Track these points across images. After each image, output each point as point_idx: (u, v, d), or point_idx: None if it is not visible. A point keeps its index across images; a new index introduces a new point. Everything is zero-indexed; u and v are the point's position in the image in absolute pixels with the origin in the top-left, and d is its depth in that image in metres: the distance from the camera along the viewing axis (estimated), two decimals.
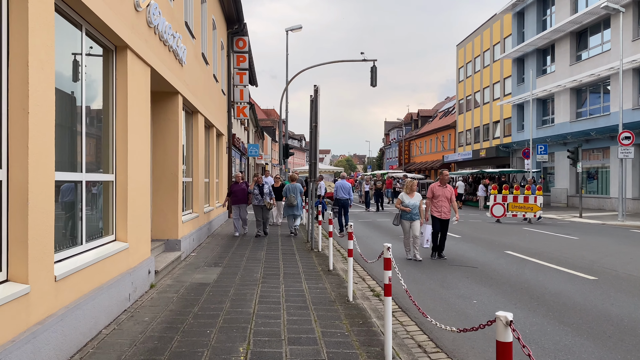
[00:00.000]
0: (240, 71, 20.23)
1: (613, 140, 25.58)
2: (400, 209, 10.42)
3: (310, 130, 12.05)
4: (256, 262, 9.61)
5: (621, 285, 7.97)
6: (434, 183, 10.87)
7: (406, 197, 10.52)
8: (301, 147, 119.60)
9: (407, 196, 10.54)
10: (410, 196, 10.52)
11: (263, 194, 13.80)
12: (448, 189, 10.61)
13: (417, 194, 10.58)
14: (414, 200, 10.44)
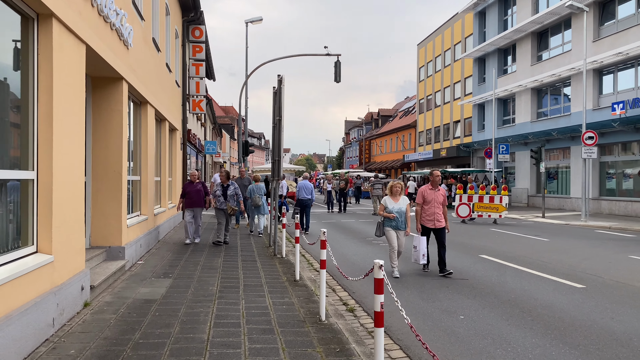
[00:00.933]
0: (196, 62, 18.95)
1: (574, 141, 25.68)
2: (384, 216, 8.69)
3: (273, 124, 11.03)
4: (212, 272, 8.53)
5: (612, 294, 7.35)
6: (423, 186, 9.19)
7: (390, 201, 8.76)
8: (260, 145, 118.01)
9: (390, 200, 8.76)
10: (394, 200, 8.73)
11: (227, 197, 12.03)
12: (440, 192, 9.02)
13: (403, 198, 8.76)
14: (400, 205, 8.68)
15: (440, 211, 8.94)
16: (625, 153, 23.21)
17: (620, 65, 23.17)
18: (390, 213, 8.62)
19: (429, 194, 8.98)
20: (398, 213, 8.62)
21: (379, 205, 24.78)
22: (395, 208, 8.65)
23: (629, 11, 22.69)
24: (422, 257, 8.78)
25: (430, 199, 8.94)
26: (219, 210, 11.98)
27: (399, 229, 8.67)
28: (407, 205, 8.75)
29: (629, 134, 21.96)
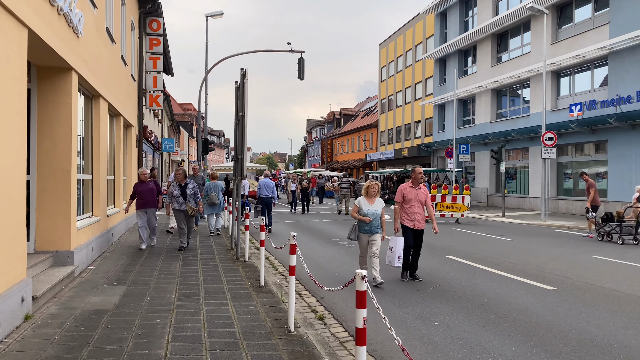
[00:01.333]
0: (153, 56, 18.16)
1: (532, 141, 26.16)
2: (358, 219, 7.92)
3: (236, 120, 10.53)
4: (170, 277, 7.97)
5: (584, 296, 7.24)
6: (404, 184, 8.48)
7: (365, 202, 7.97)
8: (220, 143, 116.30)
9: (365, 202, 7.98)
10: (369, 202, 7.97)
11: (186, 197, 10.97)
12: (422, 190, 8.38)
13: (378, 200, 8.02)
14: (375, 208, 7.92)
15: (421, 211, 8.32)
16: (582, 154, 23.79)
17: (577, 67, 23.72)
18: (365, 216, 7.86)
19: (409, 192, 8.31)
20: (373, 216, 7.86)
21: (346, 204, 24.55)
22: (370, 211, 7.89)
23: (586, 15, 23.24)
24: (398, 259, 8.14)
25: (411, 197, 8.28)
26: (178, 212, 10.94)
27: (373, 233, 7.92)
28: (383, 209, 8.04)
29: (585, 135, 22.49)
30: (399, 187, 8.50)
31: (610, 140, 21.28)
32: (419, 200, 8.30)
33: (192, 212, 10.91)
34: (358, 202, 8.10)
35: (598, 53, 21.67)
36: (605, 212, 14.51)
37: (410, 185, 8.39)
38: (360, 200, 8.09)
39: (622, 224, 13.62)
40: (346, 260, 10.32)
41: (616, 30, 20.75)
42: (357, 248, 11.79)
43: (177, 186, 10.98)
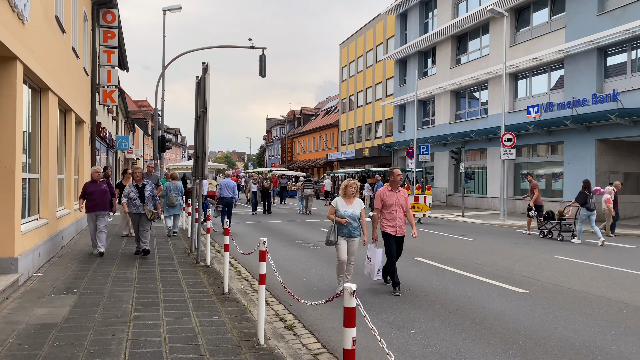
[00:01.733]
0: (107, 49, 17.26)
1: (490, 142, 26.58)
2: (335, 221, 7.25)
3: (196, 117, 10.01)
4: (126, 285, 7.41)
5: (556, 299, 7.16)
6: (382, 187, 7.82)
7: (342, 203, 7.32)
8: (177, 142, 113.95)
9: (343, 202, 7.33)
10: (347, 203, 7.33)
11: (144, 199, 9.96)
12: (402, 193, 7.72)
13: (357, 200, 7.39)
14: (354, 209, 7.29)
15: (402, 216, 7.66)
16: (538, 155, 24.32)
17: (534, 70, 24.23)
18: (342, 217, 7.21)
19: (389, 196, 7.62)
20: (351, 218, 7.22)
21: (309, 205, 24.22)
22: (348, 212, 7.24)
23: (543, 19, 23.76)
24: (377, 273, 7.48)
25: (391, 202, 7.58)
26: (134, 216, 9.96)
27: (352, 237, 7.28)
28: (362, 210, 7.39)
29: (542, 136, 22.98)
30: (377, 192, 7.82)
31: (566, 141, 21.81)
32: (400, 204, 7.65)
33: (151, 216, 9.92)
34: (335, 202, 7.40)
35: (555, 56, 22.18)
36: (547, 211, 15.30)
37: (389, 188, 7.72)
38: (337, 201, 7.39)
39: (561, 222, 14.58)
40: (313, 263, 9.98)
41: (572, 34, 21.28)
42: (324, 250, 11.58)
43: (135, 187, 10.00)
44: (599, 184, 20.34)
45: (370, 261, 7.59)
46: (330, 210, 7.42)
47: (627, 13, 18.93)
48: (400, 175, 7.76)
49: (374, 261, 7.51)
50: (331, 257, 10.57)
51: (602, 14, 20.08)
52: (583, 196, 14.24)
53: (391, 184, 7.76)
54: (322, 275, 8.79)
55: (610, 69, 20.35)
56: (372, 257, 7.54)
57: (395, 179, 7.72)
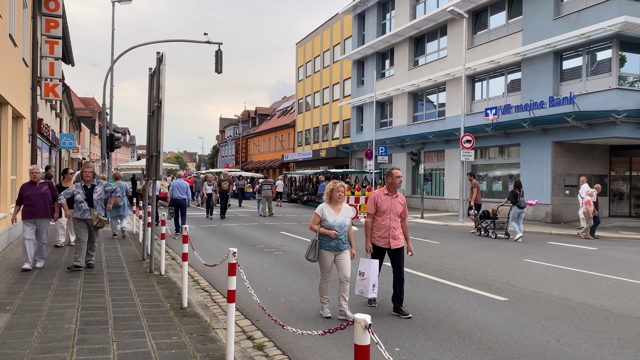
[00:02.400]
0: (50, 39, 15.96)
1: (448, 144, 26.66)
2: (320, 233, 6.09)
3: (150, 112, 9.17)
4: (69, 299, 6.54)
5: (539, 307, 6.82)
6: (377, 190, 6.70)
7: (329, 211, 6.16)
8: (125, 141, 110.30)
9: (329, 210, 6.17)
10: (335, 210, 6.17)
11: (92, 202, 8.67)
12: (399, 199, 6.59)
13: (345, 207, 6.28)
14: (343, 217, 6.17)
15: (397, 225, 6.51)
16: (495, 157, 24.53)
17: (491, 73, 24.44)
18: (330, 229, 6.03)
19: (384, 200, 6.49)
20: (340, 228, 6.08)
21: (269, 206, 23.48)
22: (337, 222, 6.07)
23: (500, 22, 24.00)
24: (372, 288, 6.38)
25: (385, 207, 6.47)
26: (80, 222, 8.63)
27: (340, 250, 6.11)
28: (352, 219, 6.43)
29: (499, 138, 23.17)
30: (371, 195, 6.64)
31: (522, 144, 22.05)
32: (395, 211, 6.49)
33: (98, 223, 8.67)
34: (320, 210, 6.19)
35: (512, 59, 22.41)
36: (483, 210, 16.30)
37: (386, 192, 6.54)
38: (323, 208, 6.19)
39: (495, 221, 15.52)
40: (277, 271, 9.32)
41: (529, 37, 21.53)
42: (287, 256, 10.93)
43: (82, 188, 8.68)
44: (554, 186, 20.67)
45: (362, 276, 6.43)
46: (314, 219, 6.18)
47: (582, 18, 19.27)
48: (400, 177, 6.60)
49: (368, 275, 6.40)
50: (297, 263, 9.95)
51: (558, 18, 20.40)
52: (514, 195, 15.07)
53: (388, 187, 6.58)
54: (289, 284, 8.15)
55: (566, 72, 20.71)
56: (366, 271, 6.42)
57: (394, 182, 6.54)
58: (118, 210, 13.20)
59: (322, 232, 6.09)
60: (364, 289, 6.42)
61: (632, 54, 19.04)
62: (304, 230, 16.47)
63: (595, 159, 21.62)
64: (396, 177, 6.55)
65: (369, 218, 6.64)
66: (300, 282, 8.28)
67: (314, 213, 6.24)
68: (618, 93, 18.26)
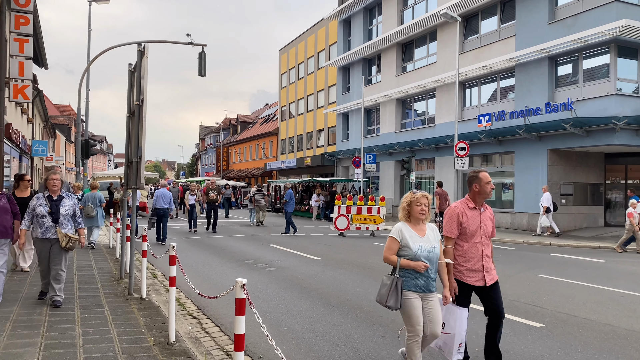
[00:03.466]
0: (20, 37, 14.74)
1: (438, 152, 25.98)
2: (403, 267, 4.26)
3: (129, 113, 8.12)
4: (30, 333, 5.43)
5: (583, 336, 5.95)
6: (457, 203, 4.76)
7: (410, 233, 4.34)
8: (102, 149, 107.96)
9: (411, 231, 4.36)
10: (418, 231, 4.37)
11: (58, 217, 6.73)
12: (488, 213, 4.76)
13: (431, 227, 4.47)
14: (432, 242, 4.35)
15: (490, 251, 4.71)
16: (487, 165, 23.89)
17: (483, 79, 23.87)
18: (414, 259, 4.24)
19: (472, 217, 4.62)
20: (429, 258, 4.27)
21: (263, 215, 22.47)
22: (423, 249, 4.27)
23: (492, 27, 23.47)
24: (458, 349, 4.49)
25: (474, 228, 4.61)
26: (42, 243, 6.73)
27: (430, 291, 4.31)
28: (441, 243, 4.56)
29: (492, 146, 22.54)
30: (450, 211, 4.70)
31: (517, 151, 21.43)
32: (486, 232, 4.67)
33: (68, 243, 6.71)
34: (398, 232, 4.33)
35: (505, 65, 21.84)
36: None
37: (472, 204, 4.68)
38: (402, 230, 4.34)
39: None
40: (273, 292, 8.29)
41: (522, 42, 20.99)
42: (281, 273, 9.90)
43: (46, 200, 6.78)
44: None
45: (443, 328, 4.46)
46: (390, 246, 4.33)
47: (578, 22, 18.78)
48: (491, 182, 4.70)
49: (452, 329, 4.49)
50: (294, 282, 8.94)
51: (553, 23, 19.89)
52: None
53: (475, 197, 4.70)
54: (290, 308, 7.14)
55: (562, 78, 20.19)
56: (450, 321, 4.51)
57: (484, 189, 4.63)
58: (91, 221, 12.94)
59: (403, 266, 4.24)
60: (446, 348, 4.55)
61: (630, 60, 18.56)
62: (295, 242, 15.47)
63: (590, 167, 21.11)
64: (486, 183, 4.62)
65: (448, 244, 4.64)
66: (302, 305, 7.28)
67: (389, 237, 4.36)
68: (617, 99, 17.75)
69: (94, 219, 13.01)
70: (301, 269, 10.45)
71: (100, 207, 13.36)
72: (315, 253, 12.92)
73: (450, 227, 4.63)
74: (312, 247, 14.35)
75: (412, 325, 4.24)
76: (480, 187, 4.64)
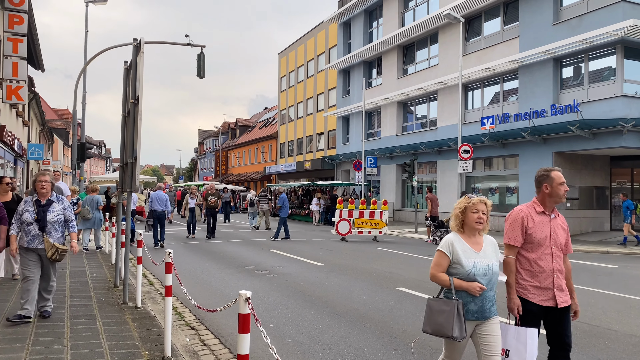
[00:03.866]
0: (14, 37, 14.40)
1: (440, 155, 25.62)
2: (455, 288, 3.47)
3: (124, 113, 7.73)
4: (15, 347, 5.02)
5: (611, 348, 5.54)
6: (522, 207, 3.96)
7: (463, 247, 3.57)
8: (100, 154, 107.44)
9: (464, 244, 3.58)
10: (472, 245, 3.60)
11: (45, 224, 6.05)
12: (560, 221, 3.96)
13: (488, 239, 3.70)
14: (488, 258, 3.56)
15: (562, 266, 3.85)
16: (491, 168, 23.53)
17: (486, 81, 23.53)
18: (468, 279, 3.47)
19: (539, 223, 3.83)
20: (486, 278, 3.49)
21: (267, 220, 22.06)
22: (480, 267, 3.50)
23: (495, 29, 23.14)
24: None
25: (542, 236, 3.81)
26: (27, 253, 6.03)
27: (485, 317, 3.50)
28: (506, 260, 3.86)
29: (496, 149, 22.19)
30: (511, 213, 3.93)
31: (521, 154, 21.07)
32: (558, 243, 3.85)
33: (55, 254, 6.02)
34: (448, 246, 3.57)
35: (508, 66, 21.51)
36: (438, 220, 17.39)
37: (540, 208, 3.89)
38: (453, 243, 3.57)
39: (448, 230, 15.93)
40: (276, 299, 7.89)
41: (526, 44, 20.67)
42: (283, 279, 9.50)
43: (34, 204, 6.13)
44: None
45: (506, 356, 3.61)
46: (438, 261, 3.55)
47: (584, 23, 18.46)
48: (564, 183, 3.94)
49: (517, 355, 3.59)
50: (296, 289, 8.54)
51: (557, 24, 19.57)
52: None
53: (544, 200, 3.91)
54: (294, 318, 6.74)
55: (567, 79, 19.85)
56: (515, 348, 3.61)
57: (556, 191, 3.88)
58: (89, 223, 12.99)
59: (457, 287, 3.46)
60: None
61: (637, 61, 18.20)
62: (296, 247, 15.07)
63: (596, 170, 20.76)
64: (559, 184, 3.88)
65: (509, 254, 3.83)
66: (307, 315, 6.88)
67: (437, 251, 3.58)
68: (623, 101, 17.41)
69: (90, 221, 13.02)
70: (304, 275, 10.05)
71: (99, 210, 13.32)
72: (317, 258, 12.52)
73: (512, 233, 3.82)
74: (313, 252, 13.95)
75: (451, 353, 3.58)
76: (552, 189, 3.86)
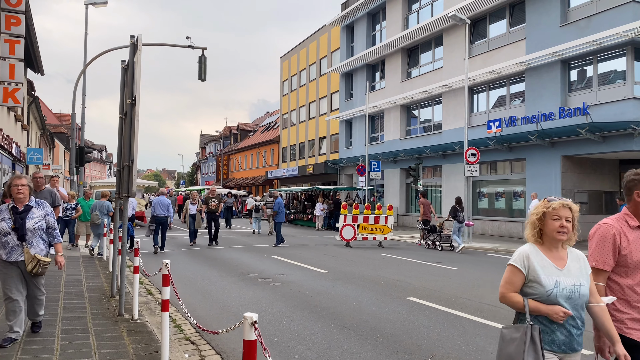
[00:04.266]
0: (10, 38, 14.04)
1: (445, 159, 25.22)
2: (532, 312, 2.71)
3: (122, 114, 7.36)
4: None
5: None
6: (611, 220, 3.10)
7: (543, 261, 2.78)
8: (102, 158, 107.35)
9: (544, 258, 2.79)
10: (554, 260, 2.81)
11: (24, 234, 5.31)
12: None
13: (575, 253, 2.90)
14: (574, 277, 2.76)
15: None
16: (497, 172, 23.12)
17: (491, 83, 23.16)
18: (549, 302, 2.69)
19: (636, 241, 3.04)
20: (572, 301, 2.70)
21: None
22: (563, 287, 2.72)
23: (501, 31, 22.79)
24: None
25: (638, 258, 3.02)
26: (8, 268, 5.32)
27: (573, 351, 2.74)
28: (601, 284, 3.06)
29: (502, 152, 21.79)
30: (599, 229, 3.14)
31: (528, 158, 20.67)
32: None
33: (35, 268, 5.31)
34: (522, 259, 2.81)
35: (515, 69, 21.15)
36: (430, 225, 17.57)
37: (635, 222, 3.09)
38: (529, 256, 2.81)
39: (441, 234, 16.96)
40: (280, 310, 7.49)
41: (533, 46, 20.31)
42: (288, 288, 9.07)
43: (10, 212, 5.34)
44: None
45: None
46: (509, 278, 2.82)
47: (592, 24, 18.09)
48: None
49: None
50: (302, 299, 8.13)
51: (565, 25, 19.21)
52: (454, 210, 16.57)
53: (637, 211, 3.10)
54: (300, 331, 6.33)
55: (575, 82, 19.47)
56: None
57: None
58: (97, 228, 12.85)
59: (532, 310, 2.72)
60: None
61: None
62: (299, 253, 14.66)
63: (604, 174, 20.35)
64: None
65: (598, 280, 3.06)
66: (314, 327, 6.48)
67: (509, 266, 2.85)
68: (634, 103, 17.00)
69: (99, 226, 12.82)
70: (309, 283, 9.65)
71: (108, 216, 12.96)
72: (322, 266, 12.11)
73: (601, 254, 3.05)
74: (318, 259, 13.54)
75: None
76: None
